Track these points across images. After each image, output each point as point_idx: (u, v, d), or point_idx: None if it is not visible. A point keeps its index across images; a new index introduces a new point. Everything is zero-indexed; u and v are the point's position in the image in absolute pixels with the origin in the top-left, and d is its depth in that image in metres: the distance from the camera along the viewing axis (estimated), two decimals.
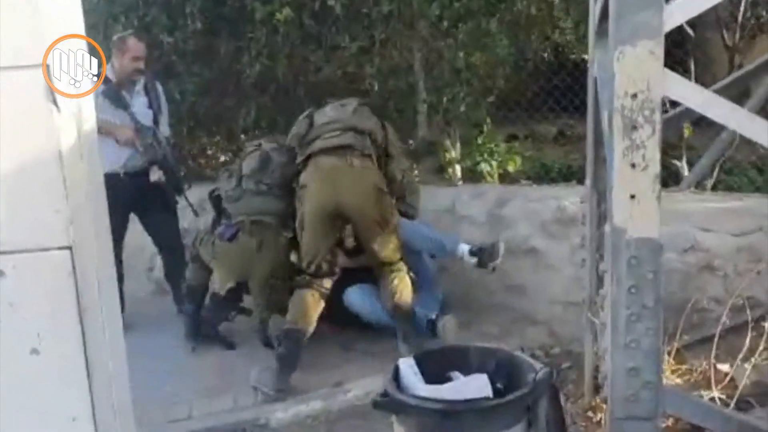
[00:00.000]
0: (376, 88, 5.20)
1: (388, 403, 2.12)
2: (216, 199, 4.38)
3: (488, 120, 5.47)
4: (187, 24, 5.24)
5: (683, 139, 5.35)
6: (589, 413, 2.90)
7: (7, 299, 1.35)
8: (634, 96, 1.95)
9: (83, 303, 1.37)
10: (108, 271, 1.49)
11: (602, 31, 2.48)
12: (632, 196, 1.99)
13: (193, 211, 4.72)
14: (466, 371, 2.29)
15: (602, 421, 2.76)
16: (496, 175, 5.40)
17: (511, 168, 5.55)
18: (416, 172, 4.99)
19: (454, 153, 5.31)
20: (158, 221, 4.70)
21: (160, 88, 4.70)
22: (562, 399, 3.04)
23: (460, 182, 5.14)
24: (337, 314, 4.07)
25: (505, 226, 4.29)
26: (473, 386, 2.14)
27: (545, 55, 6.76)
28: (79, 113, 1.39)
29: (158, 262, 5.05)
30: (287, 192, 4.18)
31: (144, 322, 4.66)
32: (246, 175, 4.29)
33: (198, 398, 3.55)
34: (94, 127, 1.47)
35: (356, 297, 4.07)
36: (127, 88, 4.51)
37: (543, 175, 5.94)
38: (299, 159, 3.96)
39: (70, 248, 1.36)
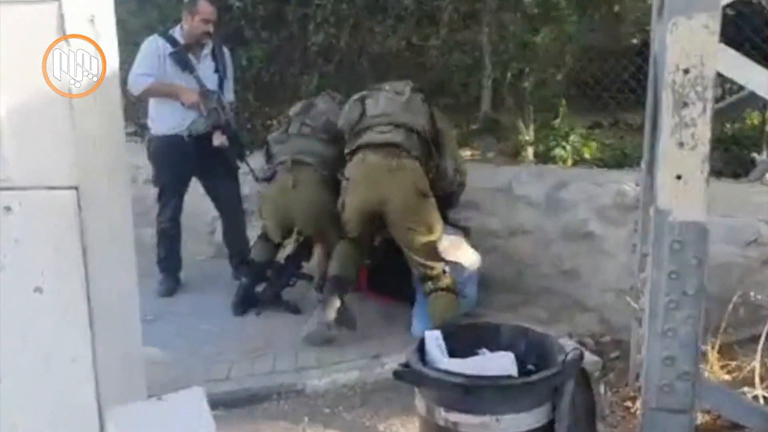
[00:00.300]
0: (440, 61, 5.10)
1: (409, 374, 2.09)
2: (267, 150, 4.42)
3: (564, 103, 5.30)
4: None
5: (764, 131, 5.10)
6: (628, 403, 2.80)
7: (13, 235, 1.36)
8: (686, 71, 1.86)
9: (87, 243, 1.37)
10: (121, 214, 1.47)
11: (662, 7, 2.36)
12: (678, 177, 1.91)
13: (254, 176, 4.75)
14: (495, 349, 2.23)
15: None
16: (570, 161, 5.24)
17: (587, 154, 5.37)
18: (478, 151, 4.88)
19: (527, 136, 5.18)
20: (219, 185, 4.74)
21: (227, 53, 4.72)
22: (602, 387, 2.96)
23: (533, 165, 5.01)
24: (378, 282, 4.13)
25: (563, 209, 4.15)
26: (498, 363, 2.08)
27: (634, 41, 6.44)
28: None
29: (219, 225, 5.12)
30: (332, 138, 4.20)
31: (199, 284, 4.79)
32: (292, 118, 4.41)
33: (239, 359, 3.58)
34: (114, 68, 1.45)
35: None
36: (195, 51, 4.54)
37: (622, 163, 5.69)
38: (347, 149, 3.93)
39: (76, 188, 1.36)
